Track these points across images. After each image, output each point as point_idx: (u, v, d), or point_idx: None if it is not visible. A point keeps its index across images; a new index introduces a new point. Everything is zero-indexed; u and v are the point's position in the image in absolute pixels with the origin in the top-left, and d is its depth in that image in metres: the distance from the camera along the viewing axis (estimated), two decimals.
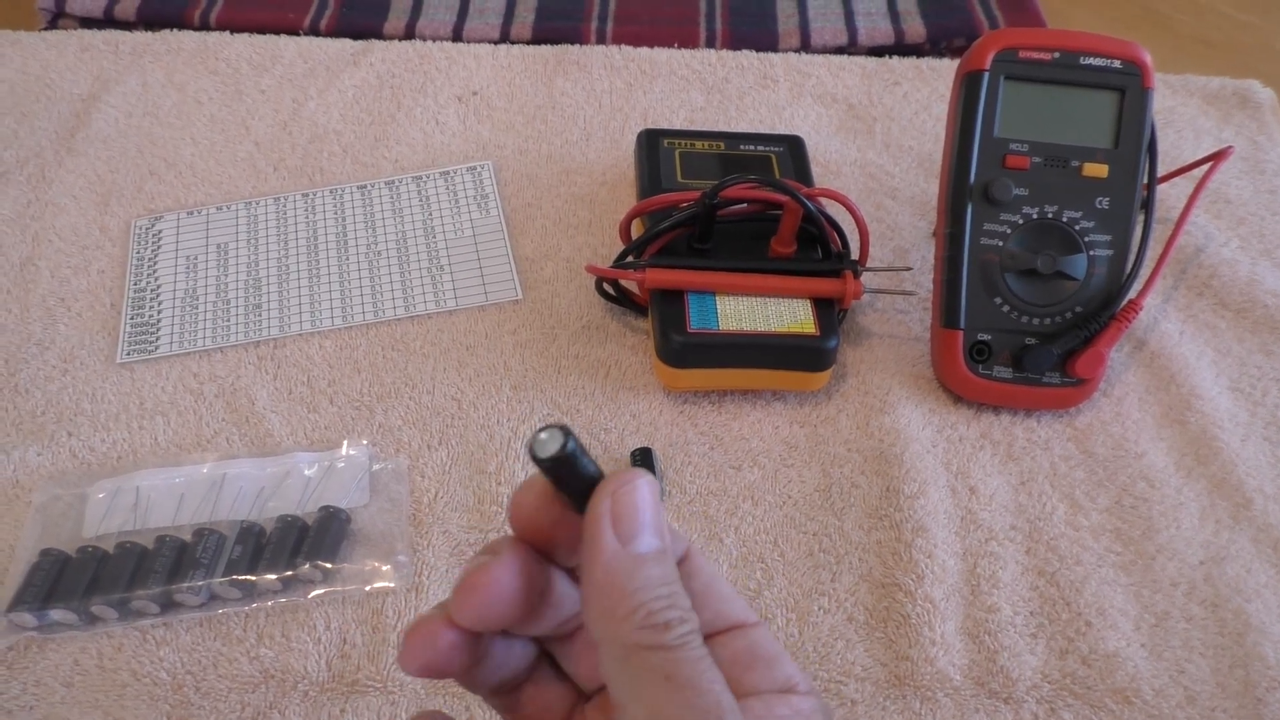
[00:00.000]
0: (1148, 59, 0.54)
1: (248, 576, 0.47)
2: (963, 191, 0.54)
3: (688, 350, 0.52)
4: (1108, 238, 0.54)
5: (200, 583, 0.46)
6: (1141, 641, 0.47)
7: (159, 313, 0.58)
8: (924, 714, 0.45)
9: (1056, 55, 0.53)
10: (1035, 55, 0.53)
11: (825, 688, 0.45)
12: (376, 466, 0.52)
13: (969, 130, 0.54)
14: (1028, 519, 0.51)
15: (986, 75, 0.53)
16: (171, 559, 0.47)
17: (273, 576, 0.47)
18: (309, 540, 0.48)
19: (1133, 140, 0.54)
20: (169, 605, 0.47)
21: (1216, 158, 0.60)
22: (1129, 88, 0.54)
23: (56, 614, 0.46)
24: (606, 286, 0.58)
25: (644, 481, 0.27)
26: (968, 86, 0.54)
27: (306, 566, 0.47)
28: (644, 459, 0.52)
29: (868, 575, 0.49)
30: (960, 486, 0.52)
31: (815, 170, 0.64)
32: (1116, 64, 0.53)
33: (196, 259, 0.61)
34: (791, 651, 0.46)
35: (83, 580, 0.46)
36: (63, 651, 0.46)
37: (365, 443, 0.53)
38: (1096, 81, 0.53)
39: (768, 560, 0.50)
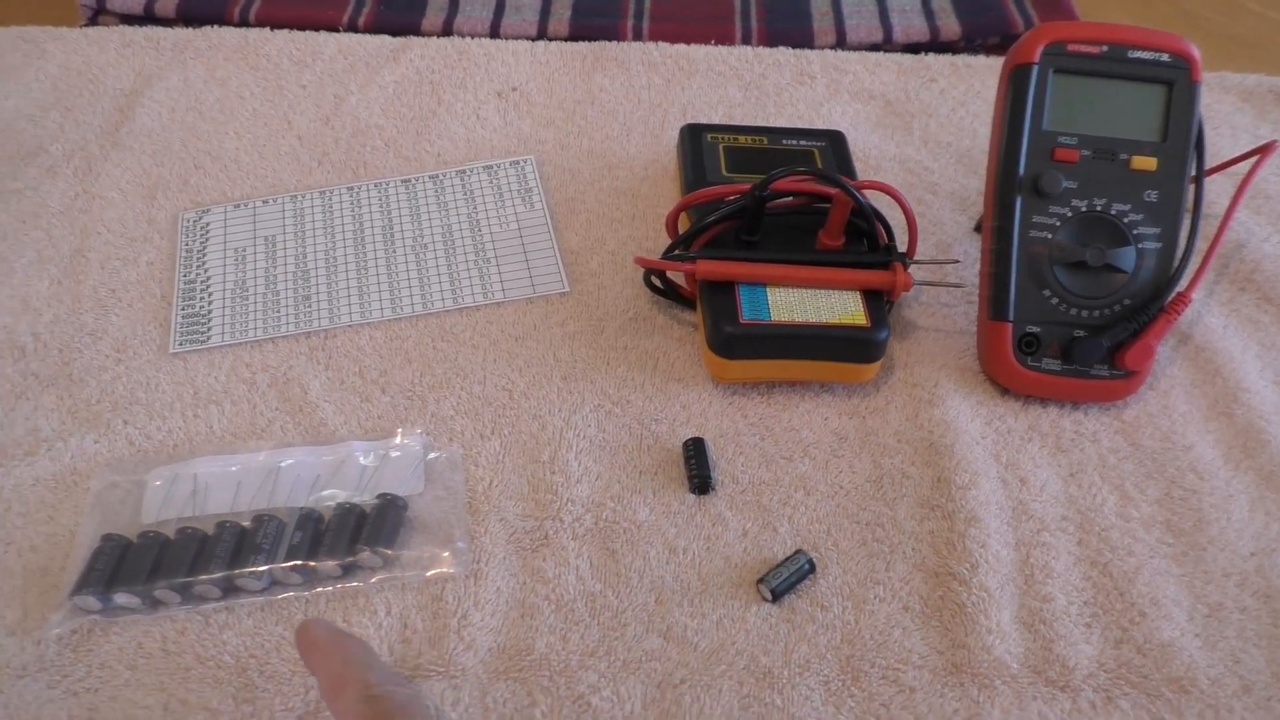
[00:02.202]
0: (1196, 53, 0.54)
1: (308, 562, 0.47)
2: (1011, 184, 0.54)
3: (740, 341, 0.53)
4: (1156, 230, 0.54)
5: (262, 568, 0.47)
6: (1195, 632, 0.48)
7: (209, 304, 0.59)
8: (982, 701, 0.45)
9: (1105, 49, 0.54)
10: (1084, 49, 0.54)
11: (883, 674, 0.46)
12: (431, 455, 0.52)
13: (1018, 123, 0.54)
14: (1079, 510, 0.52)
15: (1035, 68, 0.54)
16: (232, 544, 0.47)
17: (333, 562, 0.47)
18: (368, 527, 0.48)
19: (1181, 133, 0.54)
20: (230, 590, 0.47)
21: (1263, 151, 0.60)
22: (1177, 81, 0.54)
23: (120, 598, 0.46)
24: (654, 279, 0.59)
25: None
26: (1016, 80, 0.55)
27: (366, 553, 0.47)
28: (696, 449, 0.52)
29: (921, 564, 0.49)
30: (1010, 478, 0.53)
31: (855, 166, 0.64)
32: (1165, 57, 0.54)
33: (244, 251, 0.62)
34: (848, 639, 0.47)
35: (145, 565, 0.47)
36: (126, 635, 0.46)
37: (420, 432, 0.53)
38: (1145, 75, 0.54)
39: (822, 549, 0.50)
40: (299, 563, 0.47)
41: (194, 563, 0.47)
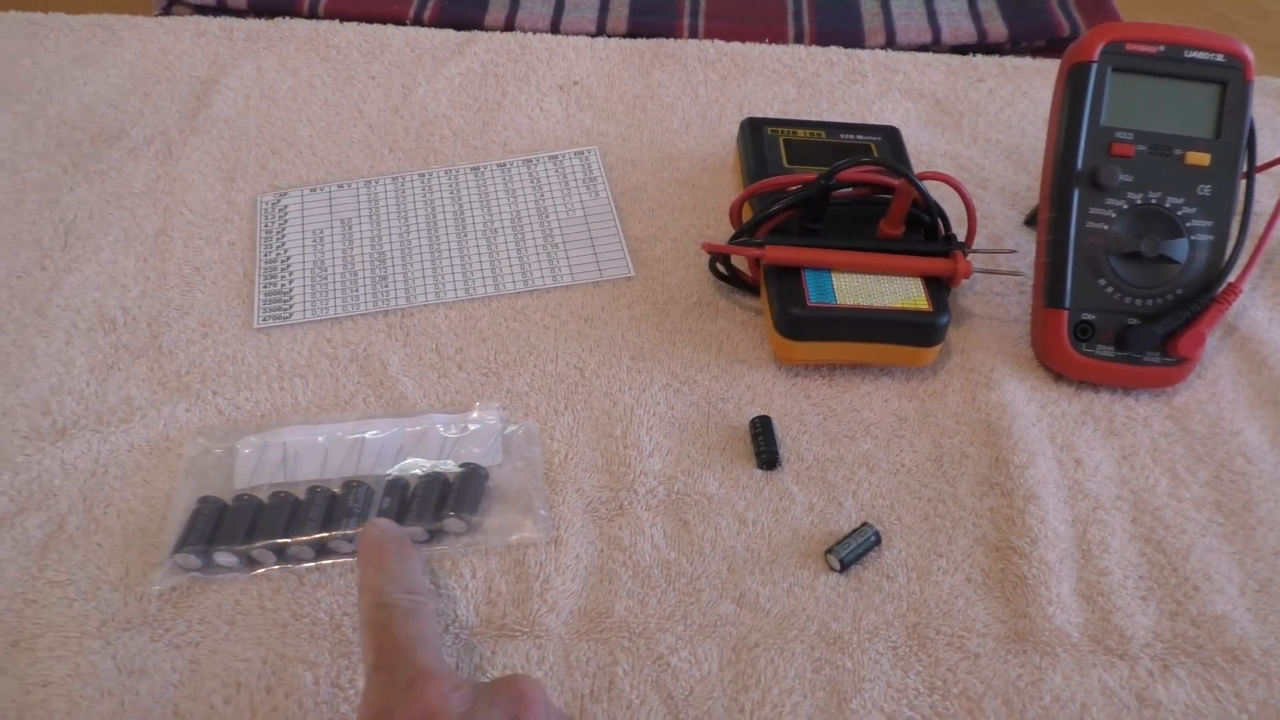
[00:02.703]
0: (1249, 54, 0.56)
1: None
2: (1069, 177, 0.56)
3: (807, 323, 0.55)
4: (1208, 223, 0.56)
5: (353, 530, 0.49)
6: (1247, 605, 0.50)
7: (290, 282, 0.61)
8: (1044, 668, 0.47)
9: (1162, 49, 0.56)
10: (1142, 48, 0.56)
11: (949, 641, 0.48)
12: (508, 429, 0.54)
13: (1076, 118, 0.56)
14: (1132, 490, 0.54)
15: (1095, 66, 0.56)
16: (324, 508, 0.50)
17: (420, 527, 0.49)
18: (453, 494, 0.50)
19: (1234, 131, 0.56)
20: (323, 551, 0.49)
21: None
22: (1231, 80, 0.56)
23: (219, 556, 0.48)
24: (719, 265, 0.61)
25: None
26: (1075, 77, 0.57)
27: (452, 518, 0.49)
28: (764, 427, 0.54)
29: (982, 539, 0.51)
30: (1066, 459, 0.55)
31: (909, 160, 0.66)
32: (1220, 58, 0.56)
33: (322, 233, 0.64)
34: (913, 608, 0.49)
35: (241, 526, 0.49)
36: (224, 592, 0.48)
37: (497, 406, 0.55)
38: (1200, 74, 0.56)
39: (886, 523, 0.52)
40: None
41: (288, 525, 0.49)
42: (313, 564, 0.49)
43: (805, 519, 0.52)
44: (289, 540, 0.49)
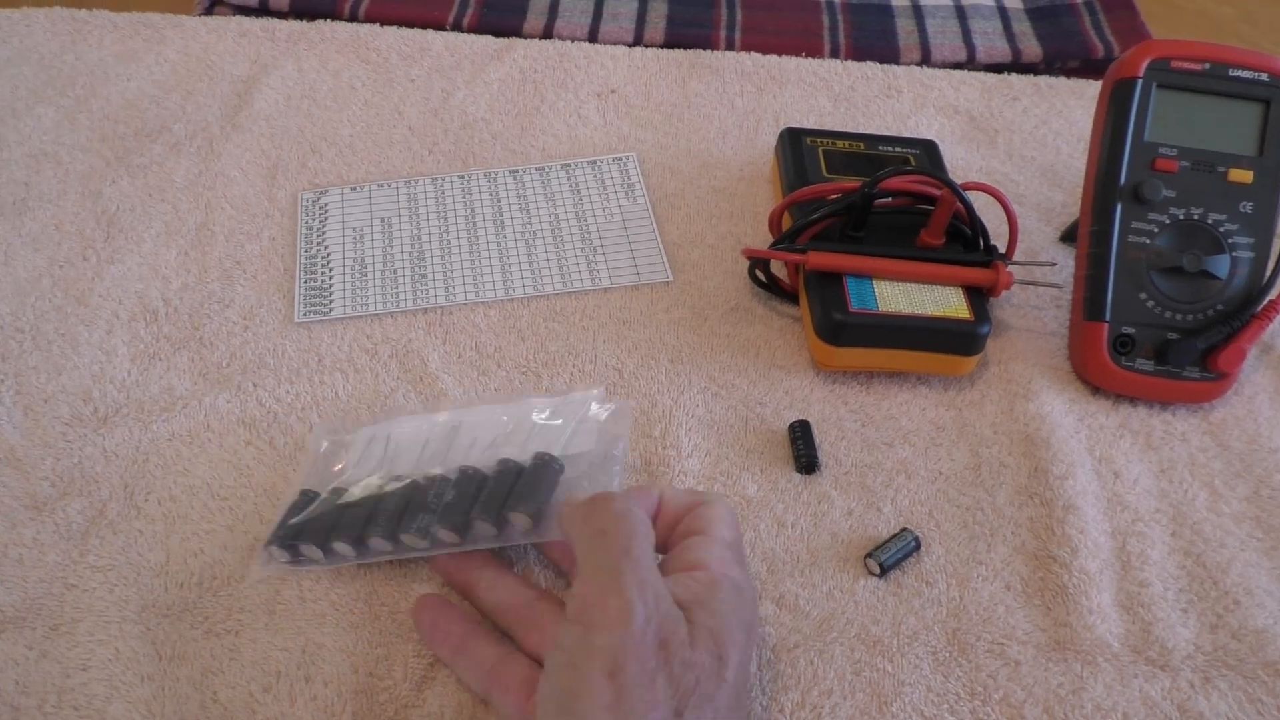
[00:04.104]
0: None
1: (464, 520, 0.46)
2: (1112, 192, 0.57)
3: (849, 329, 0.55)
4: (1250, 240, 0.56)
5: (423, 527, 0.46)
6: None
7: (330, 278, 0.62)
8: (1085, 677, 0.47)
9: (1207, 66, 0.56)
10: (1187, 66, 0.56)
11: (989, 648, 0.48)
12: (599, 410, 0.52)
13: (1120, 134, 0.57)
14: (1171, 503, 0.54)
15: (1139, 83, 0.56)
16: (401, 502, 0.47)
17: (484, 522, 0.46)
18: (520, 487, 0.47)
19: (1277, 148, 0.56)
20: (399, 545, 0.47)
21: None
22: (1275, 99, 0.56)
23: (305, 550, 0.47)
24: (758, 272, 0.61)
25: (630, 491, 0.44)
26: (1119, 93, 0.57)
27: (517, 513, 0.46)
28: (803, 431, 0.54)
29: (1022, 548, 0.51)
30: (1105, 471, 0.55)
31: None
32: (1264, 77, 0.56)
33: (362, 231, 0.64)
34: (953, 614, 0.49)
35: (328, 520, 0.48)
36: (265, 582, 0.48)
37: (599, 390, 0.53)
38: (1244, 93, 0.56)
39: (924, 530, 0.52)
40: (455, 522, 0.46)
41: (368, 520, 0.47)
42: (391, 556, 0.47)
43: (844, 523, 0.52)
44: (362, 536, 0.47)
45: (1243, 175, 0.56)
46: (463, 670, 0.44)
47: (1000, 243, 0.60)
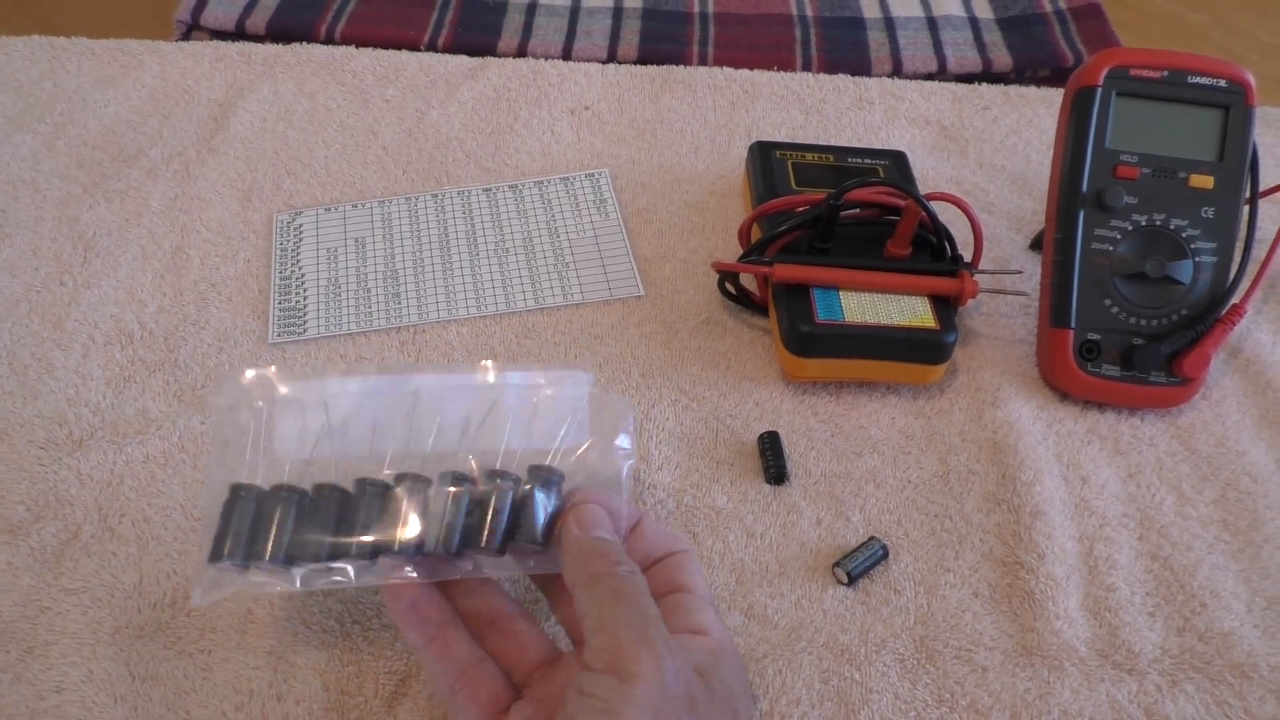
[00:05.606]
0: (1251, 79, 0.57)
1: (464, 549, 0.43)
2: (1075, 198, 0.57)
3: (815, 340, 0.55)
4: (1212, 245, 0.57)
5: (409, 550, 0.42)
6: (1254, 622, 0.50)
7: (304, 298, 0.62)
8: (1052, 682, 0.47)
9: (1166, 74, 0.57)
10: (1146, 73, 0.57)
11: (956, 655, 0.48)
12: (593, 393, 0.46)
13: (1081, 141, 0.57)
14: (1138, 508, 0.54)
15: (1099, 90, 0.57)
16: (374, 509, 0.42)
17: (489, 554, 0.43)
18: (523, 514, 0.43)
19: (1236, 154, 0.57)
20: (381, 572, 0.43)
21: None
22: (1233, 105, 0.57)
23: (257, 574, 0.42)
24: (728, 285, 0.61)
25: (594, 504, 0.42)
26: (1079, 101, 0.58)
27: (523, 544, 0.43)
28: (772, 442, 0.55)
29: (989, 554, 0.52)
30: (1072, 476, 0.55)
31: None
32: (1222, 83, 0.57)
33: (336, 251, 0.65)
34: (921, 621, 0.49)
35: (284, 529, 0.42)
36: (237, 601, 0.49)
37: (584, 370, 0.47)
38: (1203, 99, 0.57)
39: (893, 538, 0.52)
40: (455, 551, 0.42)
41: (336, 531, 0.42)
42: (372, 580, 0.43)
43: (813, 533, 0.52)
44: (335, 563, 0.42)
45: (1203, 181, 0.57)
46: (432, 663, 0.42)
47: (968, 252, 0.60)
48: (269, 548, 0.42)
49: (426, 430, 0.44)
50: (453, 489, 0.43)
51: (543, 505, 0.43)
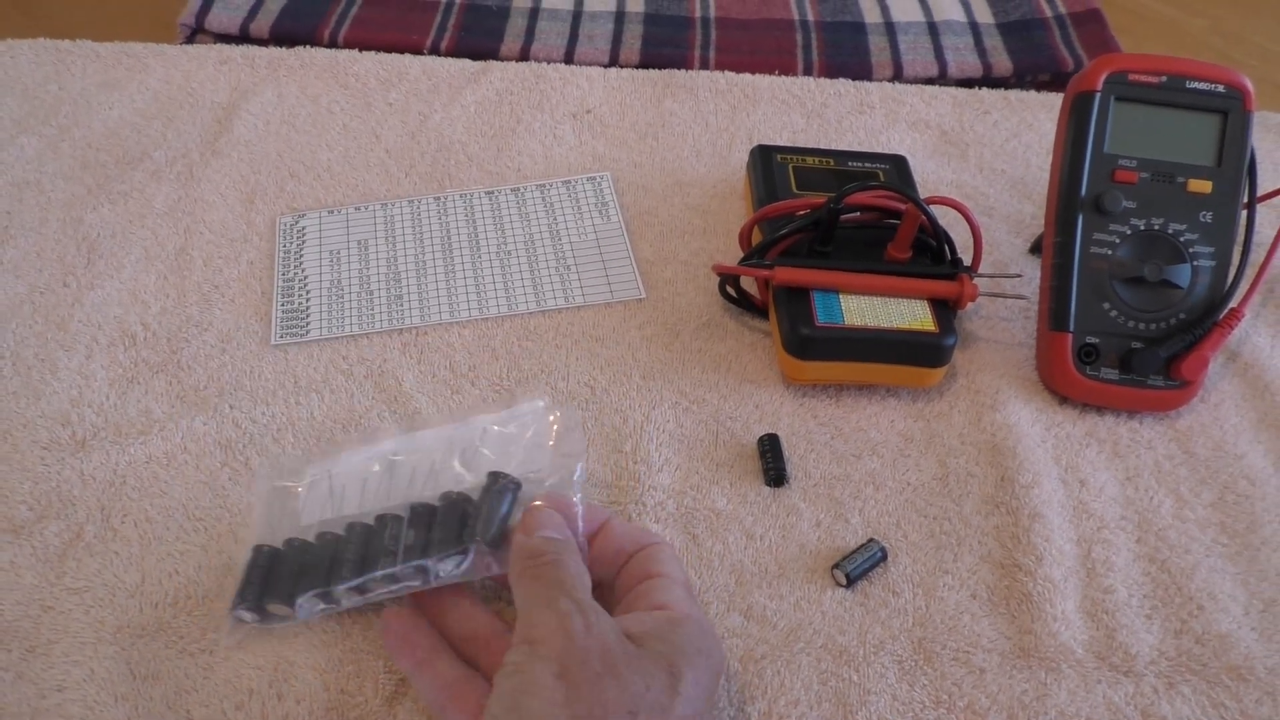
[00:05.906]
0: (1249, 84, 0.57)
1: (423, 561, 0.45)
2: (1073, 203, 0.57)
3: (815, 343, 0.56)
4: (1210, 249, 0.57)
5: (390, 570, 0.46)
6: (1252, 625, 0.50)
7: (307, 300, 0.62)
8: (1049, 683, 0.47)
9: (1164, 79, 0.57)
10: (1144, 78, 0.57)
11: (954, 656, 0.48)
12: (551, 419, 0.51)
13: (1080, 146, 0.57)
14: (1136, 511, 0.54)
15: (1098, 95, 0.57)
16: (359, 547, 0.47)
17: (446, 560, 0.45)
18: (474, 516, 0.46)
19: (1234, 159, 0.57)
20: (366, 590, 0.46)
21: None
22: (1231, 110, 0.57)
23: (272, 608, 0.47)
24: (729, 288, 0.62)
25: (544, 507, 0.45)
26: (1078, 106, 0.58)
27: (476, 543, 0.45)
28: (772, 444, 0.55)
29: (988, 556, 0.52)
30: (1071, 479, 0.55)
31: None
32: (1220, 88, 0.57)
33: (339, 253, 0.65)
34: (919, 623, 0.49)
35: (290, 574, 0.47)
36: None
37: (540, 397, 0.53)
38: (1202, 104, 0.57)
39: (892, 540, 0.52)
40: (415, 563, 0.45)
41: (330, 570, 0.47)
42: (360, 601, 0.46)
43: (812, 535, 0.53)
44: (328, 589, 0.46)
45: (1202, 186, 0.57)
46: (423, 684, 0.44)
47: (967, 255, 0.60)
48: (275, 588, 0.47)
49: (403, 483, 0.50)
50: (414, 513, 0.48)
51: (495, 506, 0.46)
